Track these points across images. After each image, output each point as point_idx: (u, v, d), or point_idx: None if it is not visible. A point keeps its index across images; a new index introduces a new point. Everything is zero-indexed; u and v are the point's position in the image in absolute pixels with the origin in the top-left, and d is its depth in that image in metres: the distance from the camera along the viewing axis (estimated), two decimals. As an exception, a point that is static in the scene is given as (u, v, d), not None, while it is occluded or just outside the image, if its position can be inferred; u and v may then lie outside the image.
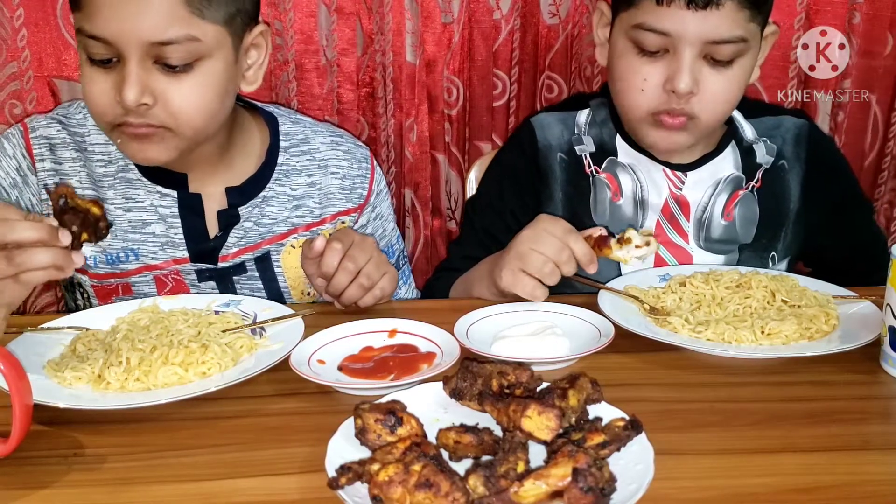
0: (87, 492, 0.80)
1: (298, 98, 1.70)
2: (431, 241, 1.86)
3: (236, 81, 1.21)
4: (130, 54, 1.09)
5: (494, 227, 1.43)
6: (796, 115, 1.47)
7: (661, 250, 1.39)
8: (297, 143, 1.37)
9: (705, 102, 1.26)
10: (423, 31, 1.70)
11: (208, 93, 1.15)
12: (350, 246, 1.17)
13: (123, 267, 1.29)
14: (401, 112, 1.74)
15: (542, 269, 1.16)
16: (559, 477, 0.70)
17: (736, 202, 1.40)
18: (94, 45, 1.10)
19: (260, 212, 1.32)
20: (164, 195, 1.29)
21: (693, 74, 1.23)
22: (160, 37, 1.08)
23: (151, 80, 1.11)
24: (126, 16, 1.07)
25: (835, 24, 1.73)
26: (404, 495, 0.70)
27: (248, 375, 0.97)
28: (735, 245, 1.41)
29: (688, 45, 1.22)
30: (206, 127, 1.19)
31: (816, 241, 1.45)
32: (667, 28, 1.22)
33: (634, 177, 1.40)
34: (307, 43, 1.68)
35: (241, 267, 1.33)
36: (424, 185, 1.80)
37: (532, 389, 0.86)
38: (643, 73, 1.26)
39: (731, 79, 1.26)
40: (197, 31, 1.11)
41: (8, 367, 0.81)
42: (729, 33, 1.22)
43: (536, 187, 1.43)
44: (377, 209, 1.43)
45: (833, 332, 1.09)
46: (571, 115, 1.46)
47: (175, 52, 1.10)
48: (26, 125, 1.29)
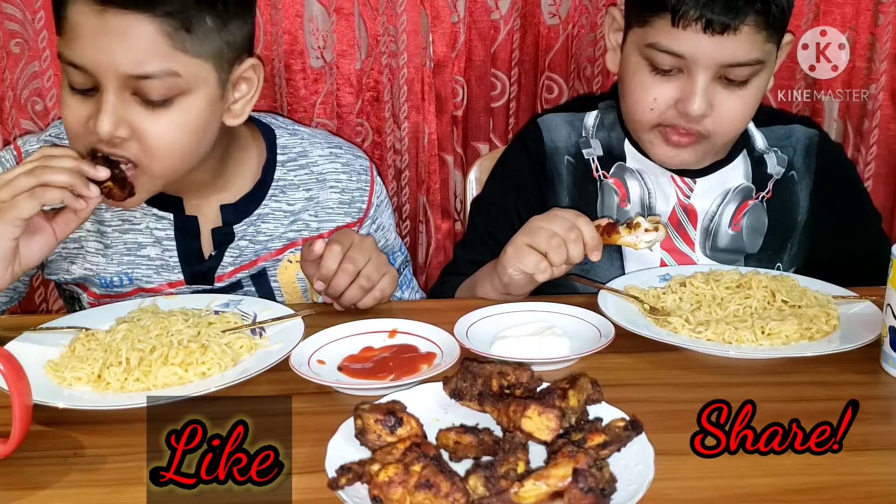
0: (87, 492, 0.80)
1: (288, 100, 1.69)
2: (443, 244, 1.83)
3: (219, 117, 1.17)
4: (108, 85, 1.06)
5: (499, 230, 1.40)
6: (807, 125, 1.46)
7: (666, 256, 1.38)
8: (294, 157, 1.34)
9: (718, 122, 1.25)
10: (434, 31, 1.68)
11: (186, 131, 1.12)
12: (349, 247, 1.16)
13: (118, 290, 1.28)
14: (417, 114, 1.71)
15: (549, 242, 1.15)
16: (559, 477, 0.70)
17: (745, 212, 1.38)
18: (73, 72, 1.08)
19: (255, 229, 1.30)
20: (161, 217, 1.27)
21: (707, 97, 1.22)
22: (138, 70, 1.05)
23: (129, 112, 1.08)
24: (104, 46, 1.05)
25: (844, 25, 1.71)
26: (404, 496, 0.70)
27: (248, 375, 0.97)
28: (741, 255, 1.39)
29: (702, 67, 1.20)
30: (179, 166, 1.15)
31: (823, 252, 1.44)
32: (682, 50, 1.20)
33: (642, 183, 1.39)
34: (293, 44, 1.65)
35: (237, 284, 1.32)
36: (435, 188, 1.77)
37: (532, 390, 0.86)
38: (655, 91, 1.25)
39: (745, 98, 1.25)
40: (178, 65, 1.07)
41: (8, 367, 0.81)
42: (746, 56, 1.20)
43: (542, 190, 1.42)
44: (377, 221, 1.41)
45: (833, 332, 1.09)
46: (579, 116, 1.44)
47: (154, 87, 1.07)
48: (19, 148, 1.28)
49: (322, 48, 1.67)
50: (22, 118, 1.64)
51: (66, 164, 1.06)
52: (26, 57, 1.62)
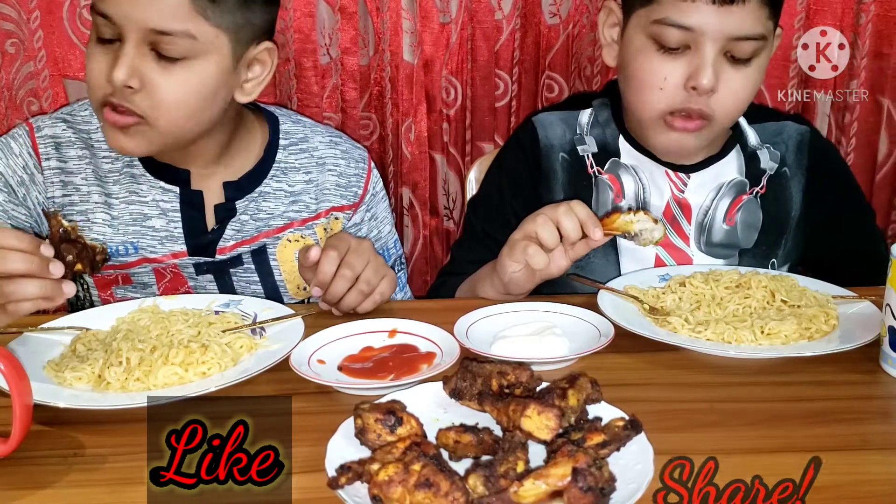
0: (87, 492, 0.80)
1: (298, 96, 1.71)
2: (429, 240, 1.87)
3: (230, 89, 1.22)
4: (129, 36, 1.12)
5: (496, 229, 1.41)
6: (798, 122, 1.47)
7: (661, 252, 1.38)
8: (296, 142, 1.38)
9: (723, 101, 1.25)
10: (422, 30, 1.71)
11: (193, 91, 1.17)
12: (346, 252, 1.16)
13: (123, 260, 1.30)
14: (398, 111, 1.75)
15: (534, 222, 1.16)
16: (559, 477, 0.70)
17: (739, 207, 1.39)
18: (101, 22, 1.14)
19: (256, 206, 1.34)
20: (167, 190, 1.30)
21: (715, 70, 1.22)
22: (161, 25, 1.12)
23: (143, 65, 1.13)
24: (135, 1, 1.11)
25: (834, 24, 1.73)
26: (404, 495, 0.70)
27: (248, 375, 0.97)
28: (735, 250, 1.40)
29: (710, 40, 1.21)
30: (184, 124, 1.20)
31: (817, 247, 1.45)
32: (691, 23, 1.21)
33: (637, 178, 1.39)
34: (305, 42, 1.69)
35: (237, 260, 1.34)
36: (423, 184, 1.81)
37: (532, 389, 0.86)
38: (663, 71, 1.25)
39: (748, 77, 1.25)
40: (196, 29, 1.13)
41: (8, 367, 0.81)
42: (752, 30, 1.21)
43: (538, 188, 1.43)
44: (372, 210, 1.43)
45: (833, 332, 1.09)
46: (573, 114, 1.45)
47: (171, 44, 1.13)
48: (31, 125, 1.30)
49: (328, 45, 1.70)
50: (17, 118, 1.65)
51: (31, 287, 0.95)
52: (21, 57, 1.64)
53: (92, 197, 1.29)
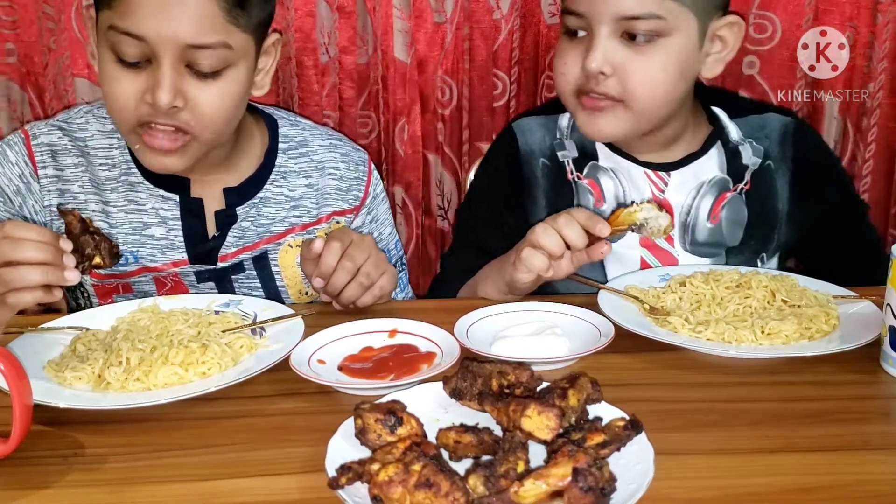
0: (87, 492, 0.80)
1: (299, 94, 1.71)
2: (422, 239, 1.87)
3: (251, 87, 1.23)
4: (165, 55, 1.10)
5: (484, 237, 1.41)
6: (783, 113, 1.43)
7: (646, 254, 1.37)
8: (295, 146, 1.37)
9: (625, 83, 1.22)
10: (415, 30, 1.70)
11: (232, 99, 1.18)
12: (349, 245, 1.17)
13: (123, 269, 1.29)
14: (389, 111, 1.75)
15: (533, 231, 1.16)
16: (559, 477, 0.70)
17: (723, 204, 1.37)
18: (127, 43, 1.10)
19: (257, 212, 1.33)
20: (166, 199, 1.29)
21: (605, 55, 1.21)
22: (198, 40, 1.10)
23: (183, 83, 1.12)
24: (166, 15, 1.08)
25: (845, 25, 1.70)
26: (404, 495, 0.70)
27: (248, 375, 0.97)
28: (722, 248, 1.38)
29: (598, 24, 1.20)
30: (224, 132, 1.22)
31: (808, 242, 1.43)
32: (580, 9, 1.22)
33: (616, 180, 1.38)
34: (305, 41, 1.69)
35: (239, 266, 1.33)
36: (416, 184, 1.80)
37: (532, 389, 0.86)
38: (564, 56, 1.26)
39: (651, 60, 1.22)
40: (230, 38, 1.13)
41: (8, 367, 0.81)
42: (640, 9, 1.19)
43: (520, 194, 1.41)
44: (374, 212, 1.43)
45: (833, 332, 1.09)
46: (553, 118, 1.43)
47: (207, 58, 1.12)
48: (27, 132, 1.29)
49: (327, 44, 1.70)
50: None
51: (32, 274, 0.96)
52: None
53: (89, 205, 1.28)
